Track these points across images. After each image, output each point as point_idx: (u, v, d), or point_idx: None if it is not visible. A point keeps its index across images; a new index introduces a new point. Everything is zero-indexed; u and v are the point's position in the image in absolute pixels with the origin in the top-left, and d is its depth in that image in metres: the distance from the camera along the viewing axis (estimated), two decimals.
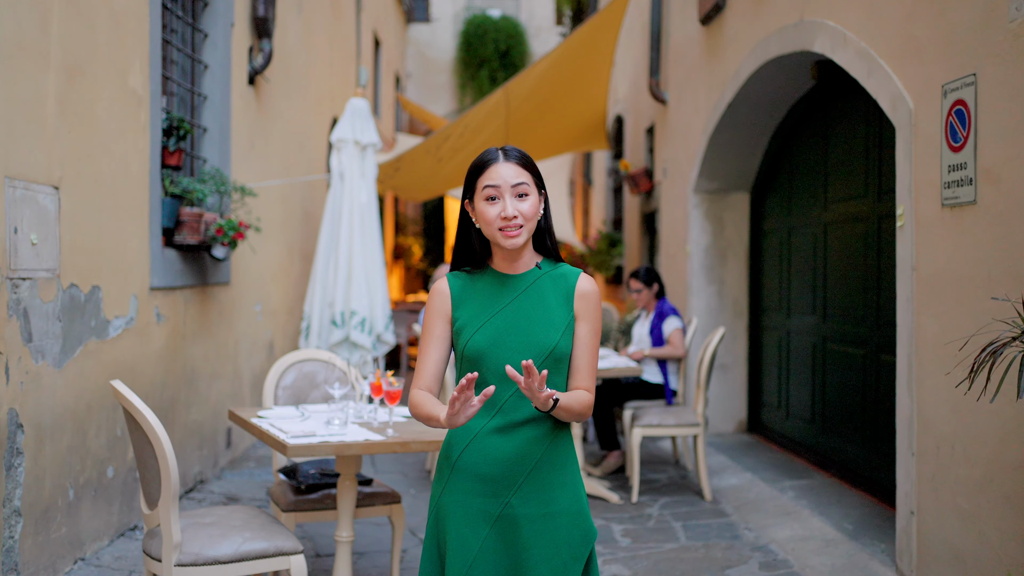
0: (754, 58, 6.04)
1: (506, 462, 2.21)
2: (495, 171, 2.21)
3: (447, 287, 2.31)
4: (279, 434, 3.31)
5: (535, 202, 2.23)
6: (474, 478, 2.23)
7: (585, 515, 2.27)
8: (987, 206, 3.44)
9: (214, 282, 5.88)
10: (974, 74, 3.50)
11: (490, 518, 2.21)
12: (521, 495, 2.21)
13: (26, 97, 3.66)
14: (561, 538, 2.22)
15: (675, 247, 8.14)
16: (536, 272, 2.30)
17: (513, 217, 2.19)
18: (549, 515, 2.22)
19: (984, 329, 3.22)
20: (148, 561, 3.06)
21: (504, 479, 2.21)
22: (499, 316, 2.24)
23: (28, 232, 3.66)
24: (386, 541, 4.70)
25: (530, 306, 2.25)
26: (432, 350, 2.29)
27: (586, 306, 2.28)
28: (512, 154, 2.24)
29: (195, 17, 5.85)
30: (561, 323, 2.24)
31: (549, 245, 2.32)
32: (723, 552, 4.64)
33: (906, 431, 4.02)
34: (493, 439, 2.22)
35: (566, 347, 2.24)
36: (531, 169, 2.25)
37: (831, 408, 6.04)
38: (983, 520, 3.44)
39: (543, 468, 2.23)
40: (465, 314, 2.27)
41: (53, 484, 3.89)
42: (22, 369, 3.64)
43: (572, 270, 2.31)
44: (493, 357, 2.21)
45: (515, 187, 2.21)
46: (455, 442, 2.27)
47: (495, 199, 2.21)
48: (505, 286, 2.28)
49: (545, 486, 2.23)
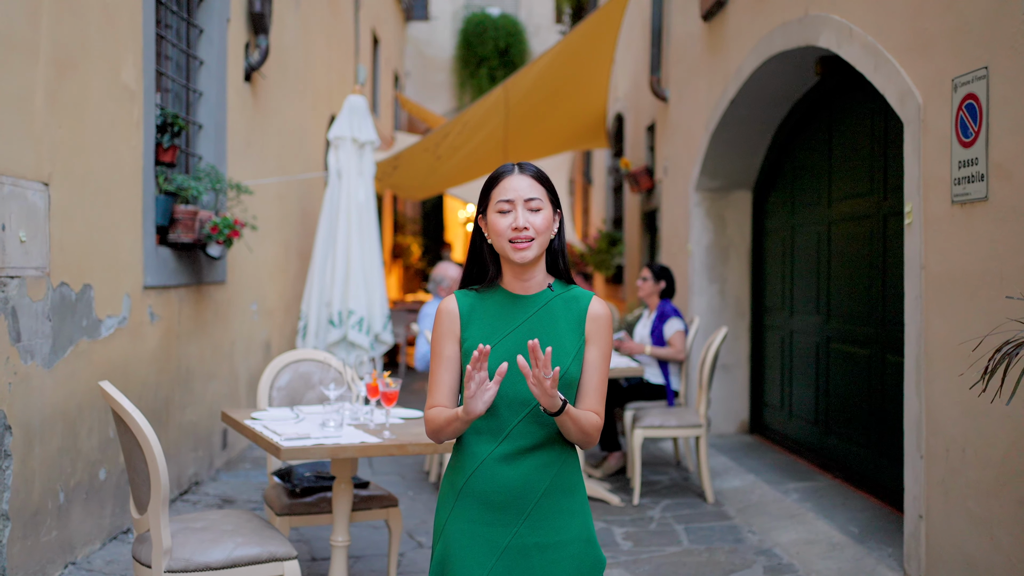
0: (757, 54, 5.96)
1: (515, 490, 2.15)
2: (509, 183, 2.18)
3: (456, 305, 2.24)
4: (273, 436, 3.23)
5: (548, 217, 2.18)
6: (481, 506, 2.16)
7: (594, 543, 2.23)
8: (999, 202, 3.36)
9: (209, 281, 5.79)
10: (986, 67, 3.42)
11: (498, 548, 2.15)
12: (530, 523, 2.15)
13: (14, 91, 3.58)
14: (572, 568, 2.17)
15: (676, 246, 8.06)
16: (548, 293, 2.23)
17: (524, 228, 2.14)
18: (560, 544, 2.17)
19: (998, 329, 3.13)
20: (138, 567, 2.98)
21: (513, 507, 2.15)
22: (509, 338, 2.17)
23: (16, 229, 3.58)
24: (383, 545, 4.62)
25: (541, 329, 2.18)
26: (443, 372, 2.23)
27: (597, 329, 2.21)
28: (528, 169, 2.21)
29: (190, 12, 5.77)
30: (572, 349, 2.18)
31: (562, 267, 2.27)
32: (727, 556, 4.56)
33: (914, 433, 3.94)
34: (501, 466, 2.15)
35: (576, 373, 2.18)
36: (546, 185, 2.20)
37: (835, 409, 5.96)
38: (995, 524, 3.36)
39: (552, 495, 2.18)
40: (474, 334, 2.20)
41: (43, 487, 3.80)
42: (10, 370, 3.55)
43: (584, 293, 2.24)
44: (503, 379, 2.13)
45: (528, 201, 2.16)
46: (461, 467, 2.21)
47: (507, 212, 2.16)
48: (516, 306, 2.22)
49: (555, 514, 2.18)
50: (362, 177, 7.21)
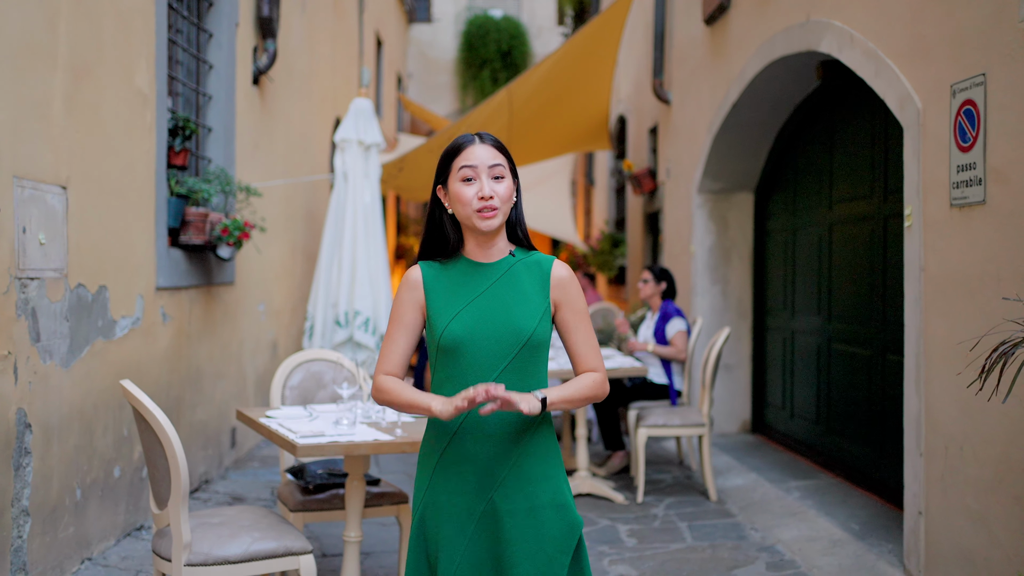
0: (759, 58, 6.04)
1: (487, 458, 2.20)
2: (472, 152, 2.22)
3: (419, 275, 2.28)
4: (288, 434, 3.31)
5: (510, 186, 2.23)
6: (457, 476, 2.22)
7: (569, 507, 2.25)
8: (996, 206, 3.44)
9: (219, 282, 5.87)
10: (983, 74, 3.50)
11: (474, 515, 2.20)
12: (503, 490, 2.20)
13: (34, 97, 3.66)
14: (545, 532, 2.20)
15: (679, 247, 8.13)
16: (510, 260, 2.28)
17: (490, 197, 2.18)
18: (532, 509, 2.20)
19: (995, 329, 3.21)
20: (158, 561, 3.06)
21: (486, 475, 2.20)
22: (474, 304, 2.22)
23: (36, 232, 3.66)
24: (392, 541, 4.70)
25: (505, 293, 2.23)
26: (400, 336, 2.28)
27: (565, 294, 2.27)
28: (487, 138, 2.25)
29: (200, 17, 5.85)
30: (538, 310, 2.23)
31: (520, 235, 2.32)
32: (730, 552, 4.64)
33: (914, 431, 4.02)
34: (473, 434, 2.20)
35: (543, 334, 2.23)
36: (506, 154, 2.26)
37: (836, 408, 6.04)
38: (993, 521, 3.44)
39: (524, 462, 2.22)
40: (439, 303, 2.24)
41: (61, 484, 3.89)
42: (30, 369, 3.63)
43: (546, 257, 2.30)
44: (470, 346, 2.20)
45: (492, 168, 2.21)
46: (436, 439, 2.26)
47: (471, 180, 2.21)
48: (479, 274, 2.26)
49: (527, 480, 2.21)
50: (368, 179, 7.29)
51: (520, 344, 2.20)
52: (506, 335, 2.20)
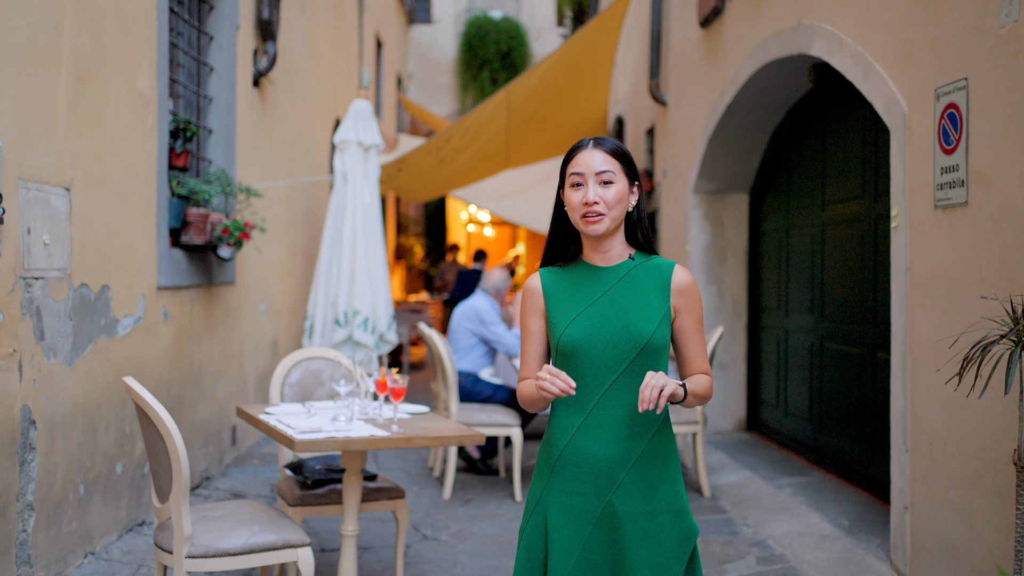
0: (753, 61, 6.12)
1: (606, 460, 2.18)
2: (581, 158, 2.23)
3: (539, 282, 2.30)
4: (287, 430, 3.39)
5: (621, 191, 2.21)
6: (574, 477, 2.19)
7: (686, 512, 2.23)
8: (978, 207, 3.52)
9: (219, 282, 5.96)
10: (966, 78, 3.58)
11: (592, 517, 2.18)
12: (622, 493, 2.17)
13: (38, 101, 3.75)
14: (664, 536, 2.18)
15: (675, 247, 8.21)
16: (629, 263, 2.27)
17: (594, 203, 2.18)
18: (651, 513, 2.18)
19: (974, 327, 3.29)
20: (159, 553, 3.14)
21: (605, 477, 2.17)
22: (593, 308, 2.21)
23: (41, 232, 3.74)
24: (389, 536, 4.78)
25: (624, 297, 2.22)
26: (531, 347, 2.30)
27: (687, 301, 2.26)
28: (604, 144, 2.24)
29: (201, 20, 5.94)
30: (657, 314, 2.21)
31: (641, 238, 2.30)
32: (721, 547, 4.72)
33: (900, 428, 4.10)
34: (591, 436, 2.18)
35: (662, 338, 2.20)
36: (620, 159, 2.24)
37: (829, 406, 6.12)
38: (974, 514, 3.52)
39: (644, 464, 2.19)
40: (558, 307, 2.25)
41: (64, 479, 3.97)
42: (35, 366, 3.72)
43: (666, 262, 2.28)
44: (588, 349, 2.18)
45: (599, 174, 2.20)
46: (554, 440, 2.24)
47: (580, 185, 2.22)
48: (597, 278, 2.26)
49: (646, 483, 2.19)
50: (367, 180, 7.37)
51: (638, 348, 2.18)
52: (624, 339, 2.18)
